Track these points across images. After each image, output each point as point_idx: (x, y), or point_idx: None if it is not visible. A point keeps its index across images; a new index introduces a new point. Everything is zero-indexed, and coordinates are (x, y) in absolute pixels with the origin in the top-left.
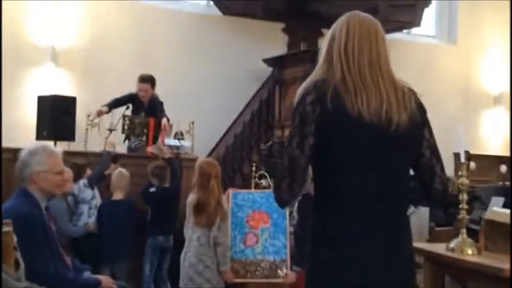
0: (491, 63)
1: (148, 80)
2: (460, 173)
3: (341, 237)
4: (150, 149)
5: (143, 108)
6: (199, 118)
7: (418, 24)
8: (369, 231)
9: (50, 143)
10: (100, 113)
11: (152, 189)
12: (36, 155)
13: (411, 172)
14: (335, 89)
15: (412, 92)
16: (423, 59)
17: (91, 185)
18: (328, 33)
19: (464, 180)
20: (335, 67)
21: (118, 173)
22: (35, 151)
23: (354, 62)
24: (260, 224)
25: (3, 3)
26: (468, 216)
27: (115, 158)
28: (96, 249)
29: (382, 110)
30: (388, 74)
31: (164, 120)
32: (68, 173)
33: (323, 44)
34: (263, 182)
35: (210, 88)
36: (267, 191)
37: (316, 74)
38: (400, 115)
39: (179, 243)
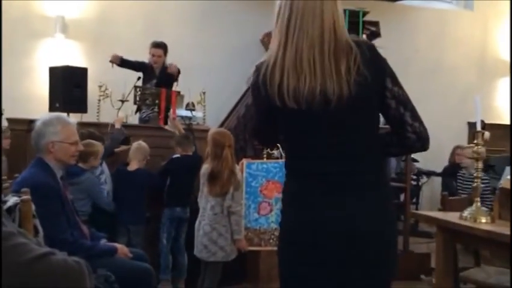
0: (508, 30)
1: (161, 46)
2: (475, 141)
3: (299, 200)
4: (167, 127)
5: (155, 77)
6: (210, 88)
7: None
8: (328, 193)
9: (64, 114)
10: (115, 58)
11: (176, 155)
12: (51, 125)
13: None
14: (265, 75)
15: (361, 48)
16: (439, 25)
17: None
18: (276, 5)
19: (480, 149)
20: (272, 48)
21: (137, 145)
22: (50, 121)
23: (293, 43)
24: (274, 194)
25: None
26: (482, 185)
27: (127, 140)
28: (112, 218)
29: (316, 92)
30: (332, 50)
31: (174, 64)
32: (100, 146)
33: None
34: (275, 152)
35: (220, 58)
36: (280, 161)
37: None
38: (341, 88)
39: (194, 213)
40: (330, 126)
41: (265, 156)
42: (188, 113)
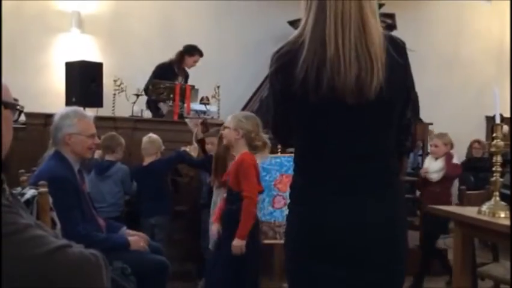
0: (508, 28)
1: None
2: (494, 134)
3: (309, 198)
4: (189, 121)
5: (180, 77)
6: (225, 83)
7: None
8: (339, 192)
9: (81, 108)
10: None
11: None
12: (68, 118)
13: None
14: (293, 64)
15: (392, 49)
16: (456, 18)
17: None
18: None
19: (499, 143)
20: (301, 31)
21: (148, 139)
22: (67, 115)
23: (326, 26)
24: (288, 187)
25: None
26: (501, 180)
27: None
28: (136, 216)
29: (351, 84)
30: (365, 45)
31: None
32: (122, 139)
33: None
34: None
35: (235, 52)
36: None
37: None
38: (371, 86)
39: None
40: (349, 126)
41: (279, 150)
42: (202, 107)
